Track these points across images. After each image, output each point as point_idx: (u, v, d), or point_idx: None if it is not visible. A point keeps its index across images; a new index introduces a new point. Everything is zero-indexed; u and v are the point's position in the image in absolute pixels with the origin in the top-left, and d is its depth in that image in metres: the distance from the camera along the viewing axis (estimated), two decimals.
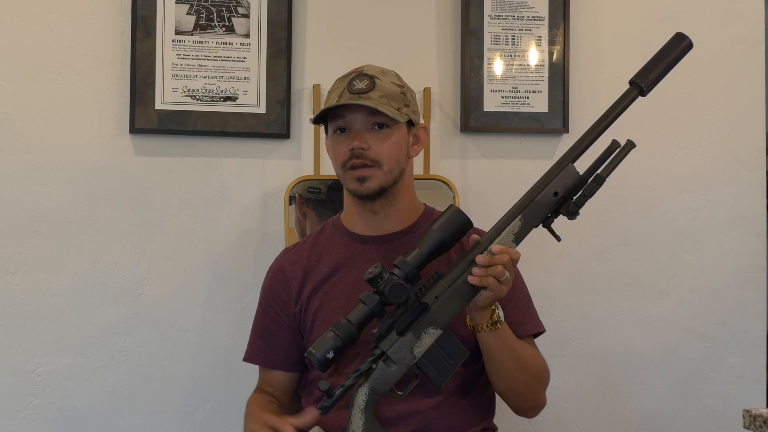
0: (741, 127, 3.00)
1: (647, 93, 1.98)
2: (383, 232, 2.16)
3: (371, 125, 2.08)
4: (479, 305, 1.92)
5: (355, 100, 2.04)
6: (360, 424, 1.90)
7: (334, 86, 2.13)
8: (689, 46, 2.01)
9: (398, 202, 2.14)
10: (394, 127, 2.09)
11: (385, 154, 2.07)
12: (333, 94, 2.11)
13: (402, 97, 2.10)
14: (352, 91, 2.06)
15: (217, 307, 2.78)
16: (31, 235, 2.70)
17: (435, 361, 1.92)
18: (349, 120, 2.08)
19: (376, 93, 2.06)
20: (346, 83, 2.09)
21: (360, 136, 2.07)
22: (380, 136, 2.07)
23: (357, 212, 2.17)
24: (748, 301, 2.99)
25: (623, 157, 1.95)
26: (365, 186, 2.07)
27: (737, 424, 1.86)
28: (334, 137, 2.12)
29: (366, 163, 2.06)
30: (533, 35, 2.89)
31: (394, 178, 2.10)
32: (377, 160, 2.07)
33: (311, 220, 2.72)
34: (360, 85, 2.06)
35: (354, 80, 2.08)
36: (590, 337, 2.94)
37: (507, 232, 1.92)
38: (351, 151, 2.06)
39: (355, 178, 2.07)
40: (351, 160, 2.07)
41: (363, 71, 2.10)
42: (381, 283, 1.86)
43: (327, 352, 1.87)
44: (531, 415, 2.18)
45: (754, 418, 1.73)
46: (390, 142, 2.08)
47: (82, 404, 2.71)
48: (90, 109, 2.73)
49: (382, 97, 2.06)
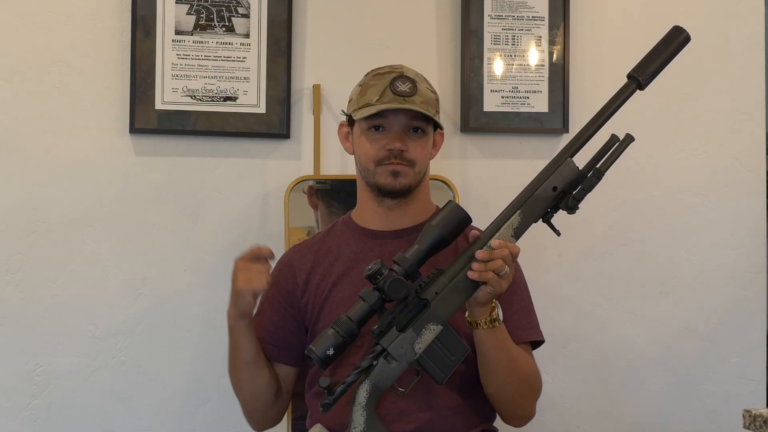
0: (741, 127, 3.00)
1: (645, 87, 1.98)
2: (395, 227, 2.18)
3: (410, 128, 2.12)
4: (479, 301, 1.92)
5: (402, 104, 2.08)
6: (361, 421, 1.90)
7: (369, 82, 2.15)
8: (687, 39, 2.01)
9: (415, 201, 2.18)
10: (428, 131, 2.15)
11: (420, 157, 2.13)
12: (371, 91, 2.12)
13: (436, 104, 2.17)
14: (396, 93, 2.09)
15: (217, 307, 2.77)
16: (31, 235, 2.70)
17: (436, 357, 1.92)
18: (390, 120, 2.11)
19: (418, 98, 2.11)
20: (387, 82, 2.11)
21: (400, 139, 2.10)
22: (416, 140, 2.13)
23: (372, 207, 2.18)
24: (748, 301, 2.99)
25: (622, 151, 1.95)
26: (398, 180, 2.11)
27: (737, 424, 1.87)
28: (369, 133, 2.13)
29: (402, 163, 2.11)
30: (533, 35, 2.90)
31: (419, 179, 2.15)
32: (413, 161, 2.12)
33: (322, 212, 2.74)
34: (404, 88, 2.10)
35: (396, 81, 2.11)
36: (590, 337, 2.94)
37: (506, 227, 1.93)
38: (389, 151, 2.10)
39: (389, 171, 2.11)
40: (389, 159, 2.10)
41: (404, 73, 2.14)
42: (380, 280, 1.87)
43: (327, 349, 1.88)
44: (519, 423, 2.17)
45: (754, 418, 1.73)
46: (425, 146, 2.15)
47: (82, 404, 2.71)
48: (90, 109, 2.73)
49: (424, 102, 2.11)
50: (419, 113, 2.09)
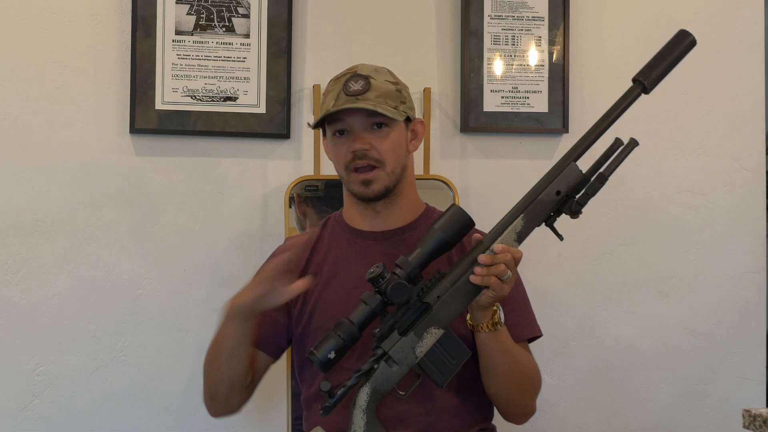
0: (741, 127, 3.01)
1: (650, 91, 1.97)
2: (384, 228, 2.16)
3: (370, 125, 2.08)
4: (481, 305, 1.91)
5: (353, 103, 2.05)
6: (361, 425, 1.90)
7: (328, 88, 2.13)
8: (693, 43, 2.00)
9: (401, 200, 2.15)
10: (393, 125, 2.10)
11: (387, 153, 2.08)
12: (329, 97, 2.11)
13: (398, 94, 2.11)
14: (348, 93, 2.06)
15: (217, 307, 2.74)
16: (31, 235, 2.70)
17: (437, 360, 1.92)
18: (348, 122, 2.09)
19: (372, 93, 2.07)
20: (341, 85, 2.09)
21: (360, 138, 2.07)
22: (380, 135, 2.08)
23: (358, 210, 2.17)
24: (748, 301, 2.99)
25: (626, 155, 1.93)
26: (371, 189, 2.08)
27: (737, 424, 1.86)
28: (334, 140, 2.12)
29: (370, 164, 2.07)
30: (533, 35, 2.90)
31: (396, 177, 2.11)
32: (380, 159, 2.08)
33: (311, 218, 2.73)
34: (356, 87, 2.07)
35: (349, 82, 2.08)
36: (590, 337, 2.94)
37: (509, 231, 1.91)
38: (353, 153, 2.07)
39: (360, 181, 2.08)
40: (354, 161, 2.07)
41: (357, 72, 2.11)
42: (383, 283, 1.86)
43: (328, 353, 1.87)
44: (520, 421, 2.16)
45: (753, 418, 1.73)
46: (390, 140, 2.09)
47: (82, 404, 2.71)
48: (90, 109, 2.74)
49: (379, 96, 2.07)
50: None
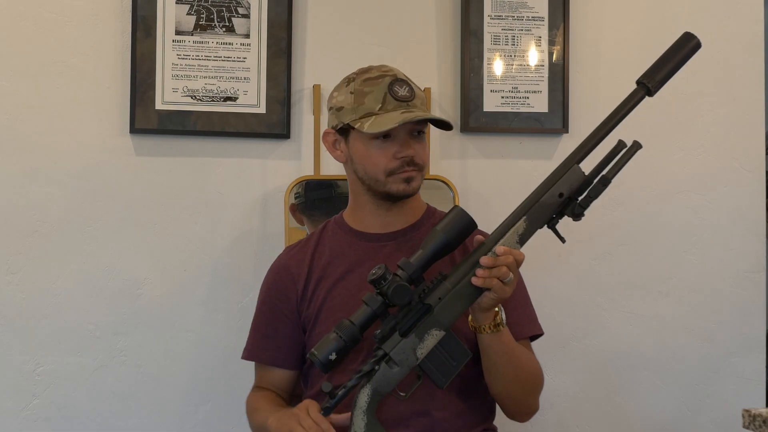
0: (741, 127, 3.01)
1: (654, 93, 1.97)
2: (389, 229, 2.16)
3: (414, 132, 2.10)
4: (483, 306, 1.91)
5: (416, 111, 2.06)
6: (362, 426, 1.90)
7: (362, 88, 2.09)
8: (697, 46, 1.99)
9: (412, 201, 2.17)
10: (426, 132, 2.14)
11: (426, 159, 2.14)
12: (370, 98, 2.07)
13: (425, 100, 2.15)
14: (398, 99, 2.06)
15: (217, 307, 2.78)
16: (31, 235, 2.70)
17: (438, 362, 1.92)
18: (397, 128, 2.07)
19: (417, 100, 2.09)
20: (384, 87, 2.07)
21: (409, 144, 2.08)
22: (421, 142, 2.12)
23: (371, 210, 2.16)
24: (748, 301, 2.99)
25: (629, 158, 1.93)
26: (412, 186, 2.11)
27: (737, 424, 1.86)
28: (375, 143, 2.08)
29: (415, 170, 2.10)
30: (533, 35, 2.89)
31: None
32: (422, 165, 2.11)
33: (308, 224, 2.73)
34: (403, 92, 2.08)
35: (394, 86, 2.07)
36: (590, 337, 2.94)
37: (511, 233, 1.91)
38: (401, 159, 2.07)
39: (403, 179, 2.08)
40: (403, 167, 2.08)
41: (396, 76, 2.10)
42: (384, 285, 1.86)
43: (329, 354, 1.87)
44: (523, 419, 2.17)
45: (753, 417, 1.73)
46: (426, 147, 2.15)
47: (82, 404, 2.71)
48: (90, 110, 2.73)
49: (423, 104, 2.10)
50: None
